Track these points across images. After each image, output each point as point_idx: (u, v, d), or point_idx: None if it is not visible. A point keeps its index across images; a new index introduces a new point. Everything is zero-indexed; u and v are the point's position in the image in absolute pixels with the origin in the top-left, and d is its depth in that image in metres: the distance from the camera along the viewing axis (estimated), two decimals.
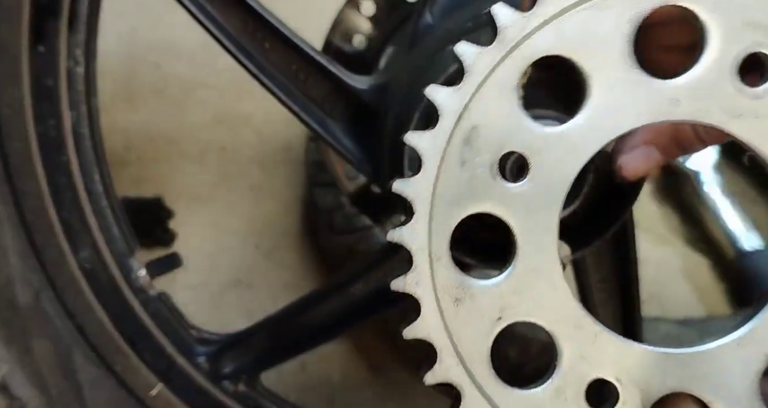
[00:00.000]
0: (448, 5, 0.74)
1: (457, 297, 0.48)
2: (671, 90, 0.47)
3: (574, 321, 0.48)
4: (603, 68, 0.46)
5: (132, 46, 1.49)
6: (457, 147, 0.46)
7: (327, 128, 0.76)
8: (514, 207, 0.47)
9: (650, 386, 0.48)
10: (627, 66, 0.46)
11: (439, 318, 0.48)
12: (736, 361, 0.48)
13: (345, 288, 0.84)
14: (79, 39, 0.74)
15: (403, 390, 1.25)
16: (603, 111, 0.47)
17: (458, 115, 0.46)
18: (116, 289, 0.81)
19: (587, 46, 0.46)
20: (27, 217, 0.75)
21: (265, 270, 1.35)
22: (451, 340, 0.49)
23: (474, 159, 0.46)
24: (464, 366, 0.49)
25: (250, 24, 0.74)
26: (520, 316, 0.48)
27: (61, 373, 0.79)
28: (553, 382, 0.48)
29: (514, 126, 0.46)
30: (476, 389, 0.49)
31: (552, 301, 0.48)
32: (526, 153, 0.47)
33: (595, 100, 0.47)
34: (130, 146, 1.40)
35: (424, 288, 0.48)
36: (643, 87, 0.46)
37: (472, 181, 0.47)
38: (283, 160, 1.45)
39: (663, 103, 0.47)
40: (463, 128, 0.46)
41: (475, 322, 0.48)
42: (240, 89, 1.47)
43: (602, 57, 0.46)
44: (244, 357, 0.88)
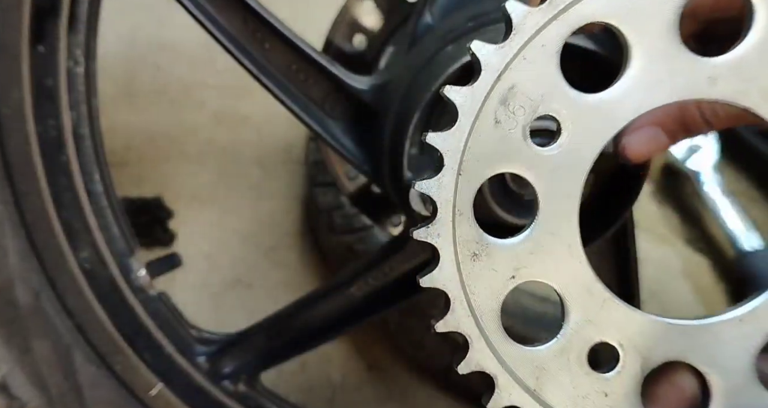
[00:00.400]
0: (448, 5, 0.74)
1: (475, 252, 0.49)
2: (710, 68, 0.46)
3: (586, 286, 0.49)
4: (646, 39, 0.46)
5: (132, 46, 1.49)
6: (493, 105, 0.46)
7: (327, 128, 0.76)
8: (542, 170, 0.48)
9: (651, 353, 0.49)
10: (670, 39, 0.46)
11: (456, 270, 0.49)
12: (735, 336, 0.49)
13: (345, 288, 0.84)
14: (79, 39, 0.74)
15: (402, 389, 1.25)
16: (639, 83, 0.46)
17: (498, 73, 0.46)
18: (116, 288, 0.81)
19: (634, 15, 0.45)
20: (27, 217, 0.75)
21: (264, 270, 1.35)
22: (465, 292, 0.50)
23: (508, 119, 0.47)
24: (475, 318, 0.50)
25: (250, 24, 0.74)
26: (533, 277, 0.49)
27: (61, 372, 0.79)
28: (558, 342, 0.50)
29: (552, 90, 0.46)
30: (484, 341, 0.50)
31: (566, 264, 0.49)
32: (561, 117, 0.47)
33: (632, 71, 0.46)
34: (130, 146, 1.40)
35: (444, 239, 0.49)
36: (683, 62, 0.46)
37: (503, 140, 0.47)
38: (283, 160, 1.45)
39: (700, 80, 0.46)
40: (501, 87, 0.46)
41: (489, 278, 0.49)
42: (240, 89, 1.47)
43: (647, 27, 0.45)
44: (243, 357, 0.88)
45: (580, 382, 0.50)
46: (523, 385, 0.50)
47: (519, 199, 0.73)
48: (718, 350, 0.49)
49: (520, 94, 0.46)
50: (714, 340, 0.49)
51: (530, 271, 0.49)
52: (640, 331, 0.50)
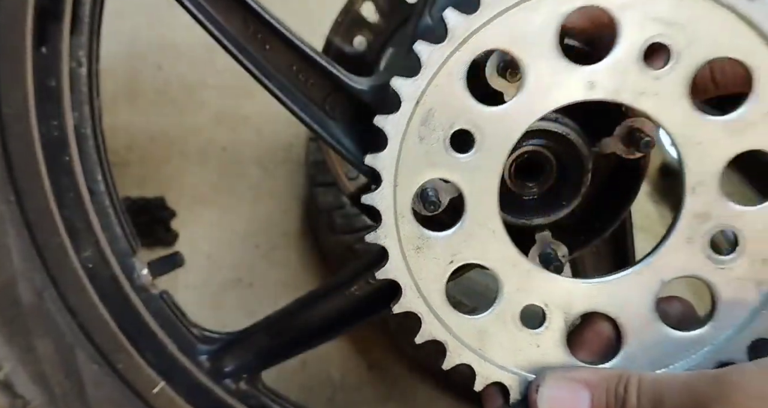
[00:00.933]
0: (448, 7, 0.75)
1: (418, 246, 0.59)
2: (589, 74, 0.55)
3: (511, 262, 0.60)
4: (535, 58, 0.55)
5: (133, 47, 1.50)
6: (415, 126, 0.56)
7: (327, 128, 0.77)
8: (463, 173, 0.57)
9: (570, 309, 0.60)
10: (554, 55, 0.55)
11: (404, 262, 0.60)
12: (636, 286, 0.60)
13: (345, 287, 0.85)
14: (82, 40, 0.75)
15: (402, 388, 1.26)
16: (533, 93, 0.56)
17: (416, 100, 0.55)
18: (118, 288, 0.81)
19: (522, 40, 0.54)
20: (30, 216, 0.76)
21: (265, 269, 1.35)
22: (413, 279, 0.60)
23: (430, 135, 0.56)
24: (423, 298, 0.61)
25: (251, 25, 0.74)
26: (467, 260, 0.60)
27: (64, 371, 0.79)
28: (495, 310, 0.61)
29: (462, 107, 0.56)
30: (433, 316, 0.62)
31: (493, 247, 0.59)
32: (472, 129, 0.56)
33: (529, 85, 0.55)
34: (132, 146, 1.40)
35: (391, 239, 0.59)
36: (567, 73, 0.55)
37: (428, 153, 0.57)
38: (284, 160, 1.46)
39: (582, 85, 0.56)
40: (420, 111, 0.56)
41: (432, 265, 0.60)
42: (240, 90, 1.48)
43: (534, 49, 0.55)
44: (245, 355, 0.89)
45: (516, 339, 0.61)
46: (470, 347, 0.62)
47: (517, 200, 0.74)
48: (624, 299, 0.60)
49: (438, 114, 0.56)
50: (620, 292, 0.60)
51: (464, 256, 0.59)
52: (560, 292, 0.60)
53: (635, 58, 0.55)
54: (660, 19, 0.53)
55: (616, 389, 0.56)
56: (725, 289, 0.59)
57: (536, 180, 0.73)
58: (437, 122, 0.56)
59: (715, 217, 0.57)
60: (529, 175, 0.73)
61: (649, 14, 0.53)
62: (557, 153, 0.72)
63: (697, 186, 0.57)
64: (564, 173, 0.73)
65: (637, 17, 0.53)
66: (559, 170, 0.73)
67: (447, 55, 0.54)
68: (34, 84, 0.72)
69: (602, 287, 0.61)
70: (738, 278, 0.58)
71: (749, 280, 0.58)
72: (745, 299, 0.58)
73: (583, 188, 0.73)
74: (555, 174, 0.73)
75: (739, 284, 0.58)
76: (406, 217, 0.58)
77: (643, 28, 0.54)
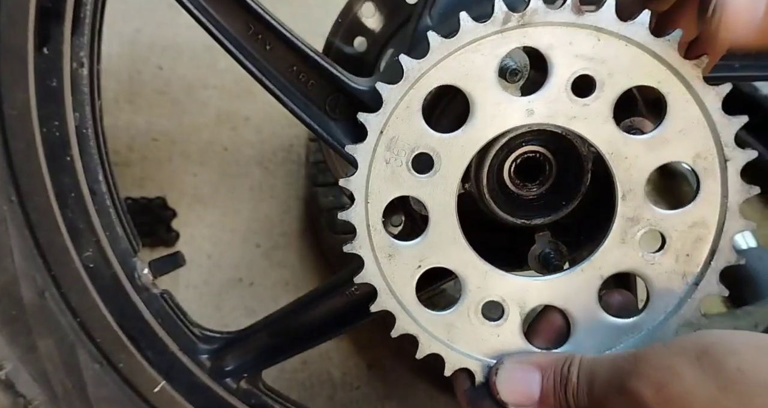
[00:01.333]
0: (448, 8, 0.75)
1: (390, 254, 0.68)
2: (527, 103, 0.64)
3: (471, 264, 0.68)
4: (480, 91, 0.64)
5: (135, 47, 1.50)
6: (382, 152, 0.65)
7: (327, 129, 0.77)
8: (425, 190, 0.66)
9: (525, 303, 0.69)
10: (495, 89, 0.64)
11: (377, 268, 0.68)
12: (581, 282, 0.68)
13: (345, 287, 0.85)
14: (84, 41, 0.75)
15: (402, 387, 1.26)
16: (481, 121, 0.65)
17: (381, 130, 0.64)
18: (120, 287, 0.81)
19: (467, 77, 0.63)
20: (32, 216, 0.76)
21: (266, 269, 1.35)
22: (386, 282, 0.69)
23: (394, 159, 0.65)
24: (396, 299, 0.69)
25: (252, 25, 0.74)
26: (433, 264, 0.68)
27: (66, 370, 0.80)
28: (460, 306, 0.69)
29: (421, 134, 0.65)
30: (406, 313, 0.70)
31: (454, 252, 0.68)
32: (431, 153, 0.65)
33: (477, 114, 0.64)
34: (133, 146, 1.41)
35: (365, 249, 0.68)
36: (508, 103, 0.64)
37: (394, 174, 0.65)
38: (284, 161, 1.46)
39: (522, 113, 0.64)
40: (385, 139, 0.64)
41: (402, 269, 0.68)
42: (241, 90, 1.48)
43: (478, 84, 0.63)
44: (245, 355, 0.89)
45: (479, 331, 0.69)
46: (439, 339, 0.70)
47: (517, 200, 0.74)
48: (571, 293, 0.69)
49: (400, 141, 0.64)
50: (567, 287, 0.69)
51: (430, 261, 0.68)
52: (515, 289, 0.69)
53: (565, 88, 0.63)
54: (583, 56, 0.62)
55: (561, 369, 0.65)
56: (657, 281, 0.67)
57: (536, 180, 0.74)
58: (400, 148, 0.64)
59: (643, 220, 0.66)
60: (529, 175, 0.74)
61: (574, 52, 0.62)
62: (557, 153, 0.72)
63: (627, 194, 0.66)
64: (564, 173, 0.73)
65: (563, 55, 0.62)
66: (559, 170, 0.73)
67: (403, 93, 0.63)
68: (35, 84, 0.73)
69: (552, 284, 0.69)
70: (666, 271, 0.67)
71: (676, 272, 0.67)
72: (673, 289, 0.67)
73: (583, 188, 0.73)
74: (555, 174, 0.74)
75: (668, 277, 0.67)
76: (378, 229, 0.67)
77: (570, 63, 0.63)
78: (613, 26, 0.62)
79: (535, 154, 0.72)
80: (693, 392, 0.54)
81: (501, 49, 0.63)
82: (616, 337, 0.69)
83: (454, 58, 0.62)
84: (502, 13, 0.62)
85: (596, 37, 0.62)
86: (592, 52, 0.63)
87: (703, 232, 0.65)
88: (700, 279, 0.67)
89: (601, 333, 0.69)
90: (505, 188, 0.74)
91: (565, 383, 0.63)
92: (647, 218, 0.66)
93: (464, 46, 0.62)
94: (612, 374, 0.60)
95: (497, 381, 0.67)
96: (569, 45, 0.62)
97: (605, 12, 0.62)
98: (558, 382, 0.64)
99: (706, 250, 0.66)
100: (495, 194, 0.73)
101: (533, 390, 0.65)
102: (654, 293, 0.68)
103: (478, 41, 0.62)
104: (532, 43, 0.62)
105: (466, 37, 0.62)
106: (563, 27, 0.62)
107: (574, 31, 0.62)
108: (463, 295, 0.69)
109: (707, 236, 0.65)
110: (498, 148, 0.70)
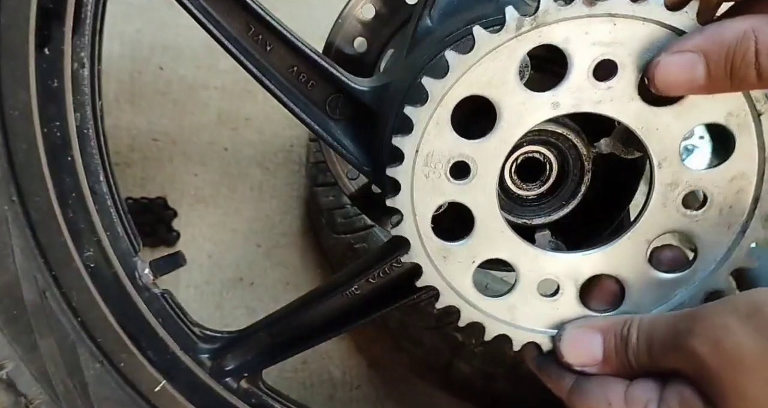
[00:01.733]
0: (448, 8, 0.75)
1: (444, 255, 0.71)
2: (551, 97, 0.65)
3: (522, 250, 0.71)
4: (503, 95, 0.65)
5: (135, 48, 1.50)
6: (420, 168, 0.67)
7: (328, 129, 0.77)
8: (466, 195, 0.69)
9: (578, 276, 0.72)
10: (519, 90, 0.65)
11: (435, 271, 0.71)
12: (628, 248, 0.71)
13: (346, 287, 0.85)
14: (84, 42, 0.75)
15: (402, 386, 1.26)
16: (510, 121, 0.66)
17: (416, 150, 0.67)
18: (121, 287, 0.81)
19: (489, 85, 0.65)
20: (33, 216, 0.76)
21: (266, 269, 1.36)
22: (446, 281, 0.72)
23: (433, 172, 0.68)
24: (457, 293, 0.72)
25: (252, 26, 0.74)
26: (486, 257, 0.71)
27: (67, 370, 0.80)
28: (517, 289, 0.72)
29: (454, 145, 0.67)
30: (467, 304, 0.73)
31: (503, 243, 0.71)
32: (466, 160, 0.67)
33: (503, 119, 0.66)
34: (134, 147, 1.41)
35: (421, 257, 0.71)
36: (532, 100, 0.65)
37: (435, 186, 0.68)
38: (285, 161, 1.46)
39: (548, 107, 0.65)
40: (421, 156, 0.67)
41: (459, 267, 0.71)
42: (242, 90, 1.48)
43: (501, 89, 0.65)
44: (246, 354, 0.89)
45: (539, 307, 0.72)
46: (503, 321, 0.73)
47: (517, 200, 0.74)
48: (620, 260, 0.71)
49: (435, 155, 0.67)
50: (616, 255, 0.71)
51: (483, 255, 0.71)
52: (566, 265, 0.71)
53: (587, 76, 0.64)
54: (600, 42, 0.64)
55: (621, 331, 0.67)
56: (704, 235, 0.70)
57: (536, 180, 0.74)
58: (436, 161, 0.67)
59: (683, 183, 0.68)
60: (529, 175, 0.74)
61: (591, 41, 0.63)
62: (557, 153, 0.72)
63: (662, 162, 0.67)
64: (564, 173, 0.73)
65: (581, 45, 0.63)
66: (559, 170, 0.73)
67: (431, 113, 0.65)
68: (36, 85, 0.73)
69: (600, 255, 0.71)
70: (712, 225, 0.69)
71: (721, 225, 0.69)
72: (721, 240, 0.70)
73: (583, 188, 0.73)
74: (555, 174, 0.74)
75: (713, 229, 0.70)
76: (429, 237, 0.70)
77: (588, 52, 0.64)
78: (627, 9, 0.62)
79: (535, 153, 0.73)
80: (745, 346, 0.57)
81: (519, 52, 0.63)
82: (670, 290, 0.72)
83: (473, 72, 0.64)
84: (515, 20, 0.62)
85: (612, 22, 0.63)
86: (609, 38, 0.63)
87: (744, 183, 0.67)
88: (747, 227, 0.69)
89: (655, 289, 0.72)
90: (506, 188, 0.74)
91: (626, 344, 0.66)
92: (686, 181, 0.67)
93: (482, 58, 0.63)
94: (670, 333, 0.63)
95: (561, 345, 0.70)
96: (585, 35, 0.63)
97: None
98: (619, 343, 0.67)
99: (749, 200, 0.68)
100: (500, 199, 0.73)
101: (596, 351, 0.68)
102: (702, 246, 0.70)
103: (494, 50, 0.63)
104: (549, 41, 0.63)
105: (483, 50, 0.63)
106: (577, 20, 0.62)
107: (589, 22, 0.62)
108: (518, 279, 0.71)
109: (748, 187, 0.67)
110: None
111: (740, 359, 0.57)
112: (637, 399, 0.64)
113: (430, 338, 1.16)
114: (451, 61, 0.64)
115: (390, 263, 0.82)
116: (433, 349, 1.17)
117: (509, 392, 1.15)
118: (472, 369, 1.15)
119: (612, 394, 0.66)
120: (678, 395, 0.62)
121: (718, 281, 0.71)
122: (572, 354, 0.69)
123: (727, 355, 0.58)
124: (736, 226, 0.69)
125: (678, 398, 0.61)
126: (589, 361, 0.68)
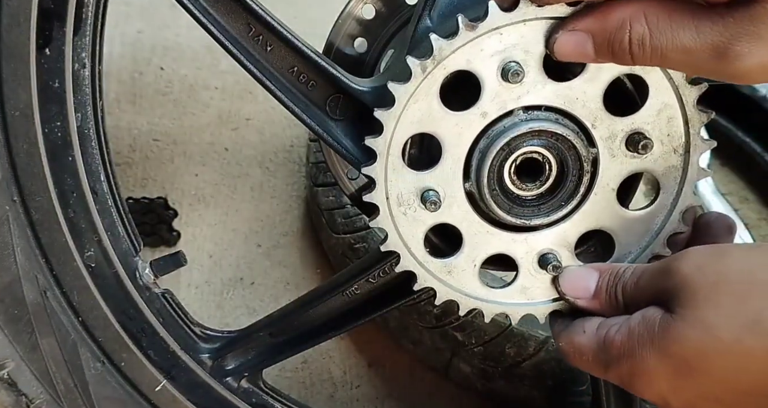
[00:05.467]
0: (447, 9, 0.75)
1: (448, 271, 0.77)
2: (477, 110, 0.71)
3: (510, 239, 0.76)
4: (439, 125, 0.71)
5: (136, 48, 1.51)
6: (396, 209, 0.74)
7: (328, 129, 0.77)
8: (443, 216, 0.75)
9: (569, 242, 0.77)
10: (448, 116, 0.71)
11: (446, 286, 0.77)
12: (600, 201, 0.76)
13: (346, 287, 0.85)
14: (85, 42, 0.75)
15: (402, 386, 1.26)
16: (453, 146, 0.72)
17: (386, 197, 0.73)
18: (121, 287, 0.82)
19: (422, 122, 0.71)
20: (34, 216, 0.76)
21: (266, 268, 1.36)
22: (458, 290, 0.78)
23: (408, 209, 0.74)
24: (473, 297, 0.78)
25: (252, 26, 0.74)
26: (485, 256, 0.77)
27: (68, 369, 0.80)
28: (521, 273, 0.78)
29: (416, 181, 0.73)
30: (488, 303, 0.79)
31: (492, 239, 0.76)
32: (432, 189, 0.73)
33: (446, 143, 0.72)
34: (134, 147, 1.41)
35: (430, 280, 0.77)
36: (463, 119, 0.71)
37: (414, 219, 0.75)
38: (285, 161, 1.46)
39: (478, 119, 0.71)
40: (393, 200, 0.74)
41: (464, 275, 0.77)
42: (242, 91, 1.49)
43: (435, 121, 0.71)
44: (246, 354, 0.89)
45: (545, 280, 0.77)
46: (521, 304, 0.78)
47: (517, 200, 0.75)
48: (597, 214, 0.76)
49: (404, 194, 0.74)
50: (592, 211, 0.76)
51: (481, 256, 0.77)
52: (554, 238, 0.77)
53: (499, 83, 0.70)
54: (496, 51, 0.69)
55: (617, 271, 0.72)
56: (657, 166, 0.75)
57: (536, 180, 0.74)
58: (407, 199, 0.74)
59: (619, 131, 0.73)
60: (529, 175, 0.74)
61: (488, 54, 0.69)
62: (557, 153, 0.73)
63: (594, 122, 0.72)
64: (564, 173, 0.73)
65: (481, 61, 0.70)
66: (559, 170, 0.74)
67: (384, 162, 0.72)
68: (37, 85, 0.73)
69: (579, 216, 0.76)
70: (660, 155, 0.75)
71: (667, 152, 0.75)
72: (673, 164, 0.75)
73: (582, 188, 0.74)
74: (554, 174, 0.74)
75: (663, 158, 0.75)
76: (428, 261, 0.76)
77: (490, 63, 0.69)
78: (504, 19, 0.68)
79: (535, 153, 0.73)
80: (731, 266, 0.63)
81: (434, 88, 0.70)
82: (651, 222, 0.78)
83: (404, 118, 0.71)
84: (418, 65, 0.69)
85: (498, 33, 0.69)
86: (501, 46, 0.69)
87: (670, 111, 0.73)
88: (688, 146, 0.75)
89: (638, 226, 0.78)
90: (505, 188, 0.74)
91: (618, 279, 0.71)
92: (621, 128, 0.73)
93: (405, 105, 0.71)
94: (658, 265, 0.68)
95: (560, 277, 0.76)
96: (481, 51, 0.69)
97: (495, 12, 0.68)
98: (611, 279, 0.72)
99: (681, 124, 0.74)
100: (495, 194, 0.73)
101: (590, 285, 0.73)
102: (661, 175, 0.76)
103: (413, 95, 0.70)
104: (454, 69, 0.69)
105: (403, 100, 0.70)
106: (468, 44, 0.69)
107: (479, 41, 0.69)
108: (519, 263, 0.77)
109: (675, 113, 0.73)
110: (499, 148, 0.71)
111: (725, 276, 0.62)
112: (607, 324, 0.69)
113: (429, 338, 1.16)
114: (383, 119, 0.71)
115: (390, 263, 0.82)
116: (433, 349, 1.17)
117: (509, 392, 1.15)
118: (472, 368, 1.15)
119: (587, 324, 0.71)
120: (641, 313, 0.66)
121: (686, 199, 0.77)
122: (568, 285, 0.75)
123: (713, 274, 0.63)
124: (680, 149, 0.75)
125: (640, 315, 0.66)
126: (581, 294, 0.74)
